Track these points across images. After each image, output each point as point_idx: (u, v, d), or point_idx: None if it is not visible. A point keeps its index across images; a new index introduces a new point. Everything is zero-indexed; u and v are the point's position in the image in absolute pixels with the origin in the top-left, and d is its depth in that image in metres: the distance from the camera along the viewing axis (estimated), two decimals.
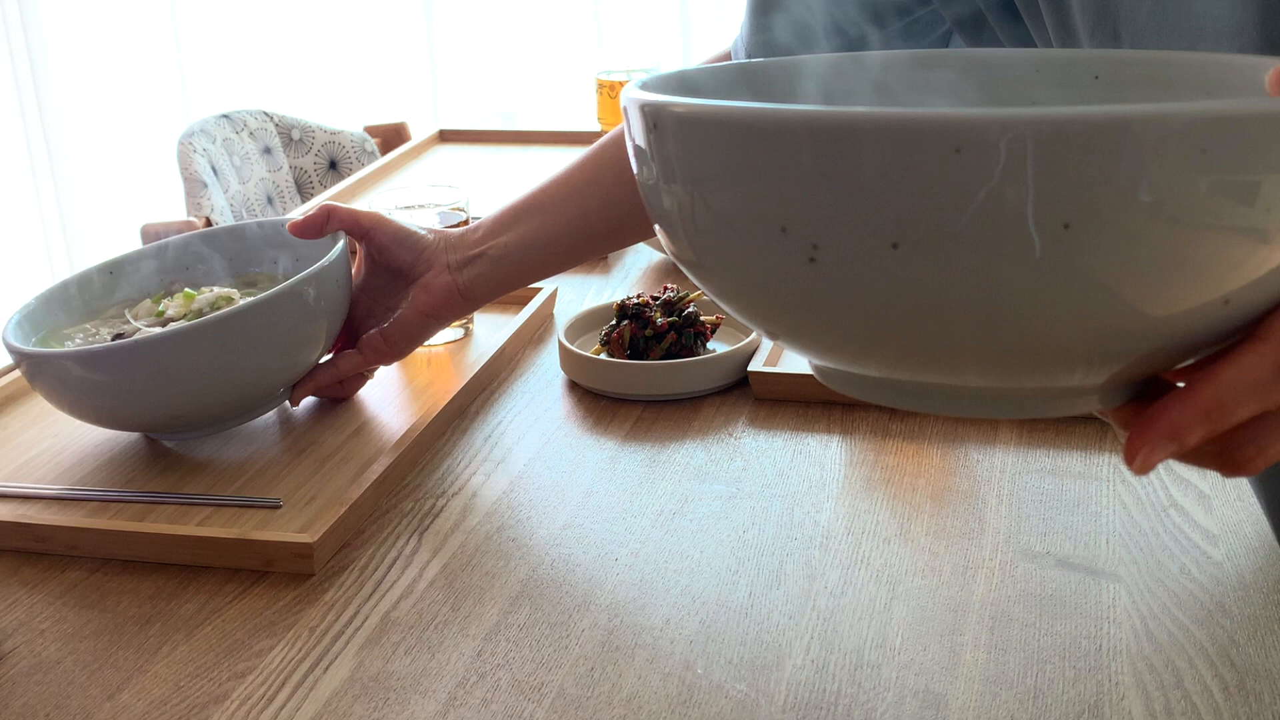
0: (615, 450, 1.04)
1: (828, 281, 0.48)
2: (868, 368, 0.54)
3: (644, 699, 0.74)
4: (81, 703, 0.76)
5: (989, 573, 0.85)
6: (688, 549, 0.89)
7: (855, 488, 0.97)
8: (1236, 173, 0.44)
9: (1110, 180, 0.43)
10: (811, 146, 0.46)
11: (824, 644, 0.79)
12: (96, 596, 0.87)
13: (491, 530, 0.93)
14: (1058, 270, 0.45)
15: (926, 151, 0.44)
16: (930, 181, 0.44)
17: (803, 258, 0.48)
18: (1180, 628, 0.79)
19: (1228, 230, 0.45)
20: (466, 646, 0.80)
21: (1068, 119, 0.42)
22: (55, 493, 0.98)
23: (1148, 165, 0.43)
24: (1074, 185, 0.43)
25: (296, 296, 1.00)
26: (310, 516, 0.93)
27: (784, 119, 0.46)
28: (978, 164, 0.43)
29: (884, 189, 0.45)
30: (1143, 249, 0.44)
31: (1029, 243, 0.44)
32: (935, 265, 0.46)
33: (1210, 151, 0.43)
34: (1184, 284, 0.46)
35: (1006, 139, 0.43)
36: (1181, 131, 0.43)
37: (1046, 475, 0.97)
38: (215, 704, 0.75)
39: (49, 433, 1.08)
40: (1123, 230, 0.44)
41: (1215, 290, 0.47)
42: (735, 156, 0.48)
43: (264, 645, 0.81)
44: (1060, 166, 0.43)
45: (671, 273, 1.45)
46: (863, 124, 0.45)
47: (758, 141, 0.47)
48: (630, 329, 1.15)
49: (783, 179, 0.47)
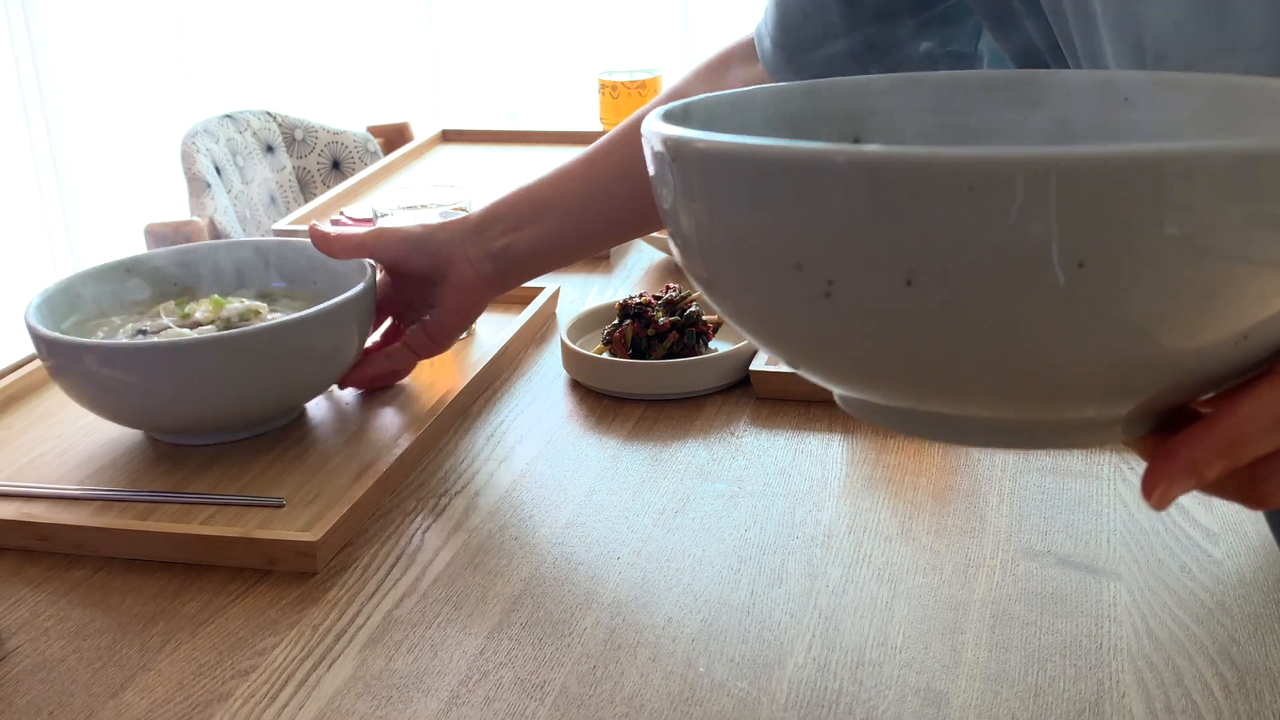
0: (617, 449, 1.04)
1: (842, 316, 0.48)
2: (883, 398, 0.54)
3: (646, 697, 0.74)
4: (85, 701, 0.76)
5: (990, 571, 0.85)
6: (690, 548, 0.90)
7: (857, 486, 0.97)
8: (1268, 204, 0.43)
9: (1134, 217, 0.42)
10: (827, 185, 0.46)
11: (825, 642, 0.79)
12: (100, 595, 0.87)
13: (494, 529, 0.93)
14: (1077, 306, 0.44)
15: (938, 190, 0.43)
16: (943, 220, 0.44)
17: (818, 293, 0.48)
18: (1181, 626, 0.79)
19: (1257, 263, 0.45)
20: (469, 645, 0.80)
21: (1087, 159, 0.42)
22: (60, 492, 0.98)
23: (1175, 201, 0.42)
24: (1093, 224, 0.42)
25: (328, 319, 1.02)
26: (313, 515, 0.94)
27: (797, 157, 0.46)
28: (991, 202, 0.43)
29: (897, 227, 0.45)
30: (1168, 283, 0.44)
31: (1047, 280, 0.44)
32: (950, 302, 0.45)
33: (1246, 187, 0.43)
34: (1206, 318, 0.46)
35: (1023, 177, 0.42)
36: (1214, 170, 0.42)
37: (1048, 474, 0.97)
38: (219, 702, 0.75)
39: (53, 433, 1.09)
40: (1146, 264, 0.43)
41: (1235, 325, 0.46)
42: (750, 193, 0.48)
43: (267, 643, 0.81)
44: (1080, 205, 0.42)
45: (674, 272, 1.45)
46: (879, 162, 0.44)
47: (772, 179, 0.47)
48: (632, 328, 1.15)
49: (797, 216, 0.47)
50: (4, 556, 0.92)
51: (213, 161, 2.00)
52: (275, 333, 1.00)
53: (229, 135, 2.06)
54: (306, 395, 1.09)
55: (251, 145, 2.09)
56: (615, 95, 1.93)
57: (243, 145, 2.08)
